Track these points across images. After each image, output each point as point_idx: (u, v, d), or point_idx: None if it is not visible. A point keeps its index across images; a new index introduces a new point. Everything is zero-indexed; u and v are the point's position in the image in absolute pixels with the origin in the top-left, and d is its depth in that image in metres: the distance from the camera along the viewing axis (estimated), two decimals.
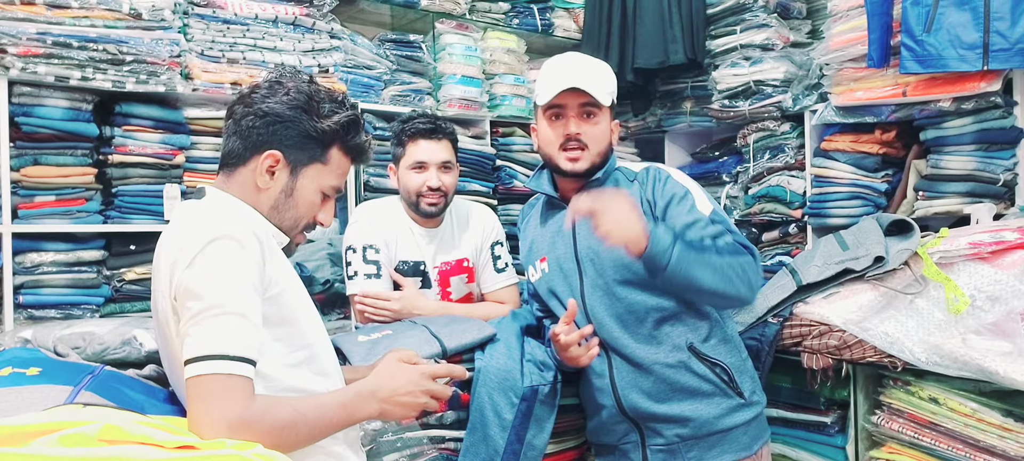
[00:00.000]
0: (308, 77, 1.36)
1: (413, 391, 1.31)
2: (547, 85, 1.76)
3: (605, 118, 1.79)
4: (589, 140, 1.75)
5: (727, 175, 3.28)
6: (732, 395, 1.76)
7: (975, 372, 1.86)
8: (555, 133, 1.77)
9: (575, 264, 1.81)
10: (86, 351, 1.47)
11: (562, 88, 1.72)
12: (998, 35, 2.25)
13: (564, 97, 1.74)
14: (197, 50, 2.47)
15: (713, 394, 1.75)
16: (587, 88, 1.72)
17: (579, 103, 1.75)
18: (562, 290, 1.83)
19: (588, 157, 1.76)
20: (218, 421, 1.08)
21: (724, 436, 1.76)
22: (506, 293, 2.28)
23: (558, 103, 1.75)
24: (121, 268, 2.37)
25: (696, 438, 1.75)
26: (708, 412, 1.75)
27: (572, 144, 1.75)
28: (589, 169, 1.77)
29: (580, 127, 1.75)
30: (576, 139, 1.75)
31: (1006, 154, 2.38)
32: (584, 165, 1.76)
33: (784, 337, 2.14)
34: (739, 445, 1.77)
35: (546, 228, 1.90)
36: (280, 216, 1.33)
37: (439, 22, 3.13)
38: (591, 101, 1.74)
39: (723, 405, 1.76)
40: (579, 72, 1.75)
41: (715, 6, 3.16)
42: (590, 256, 1.79)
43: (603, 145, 1.79)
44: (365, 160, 1.42)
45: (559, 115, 1.77)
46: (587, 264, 1.79)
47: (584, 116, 1.76)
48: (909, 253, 2.08)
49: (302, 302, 1.31)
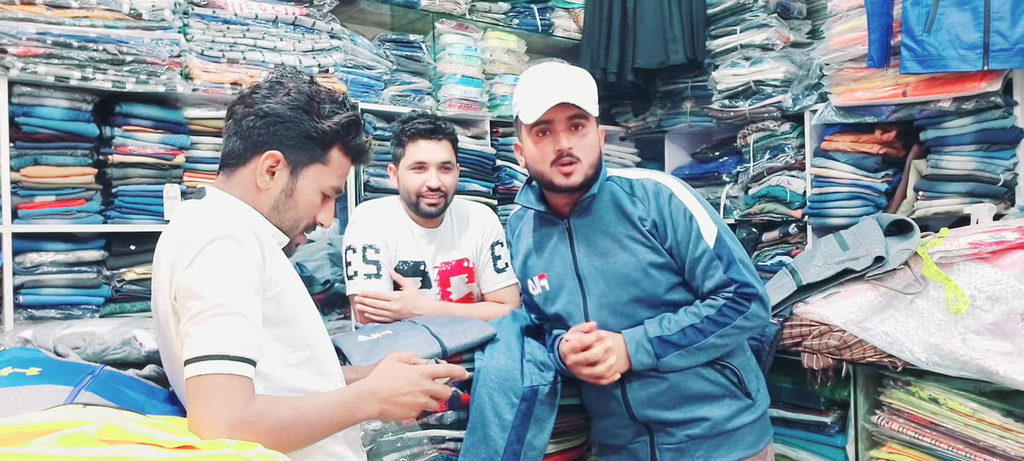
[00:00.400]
0: (309, 77, 1.36)
1: (413, 391, 1.32)
2: (533, 101, 1.69)
3: (593, 128, 1.74)
4: (581, 153, 1.70)
5: (727, 175, 3.28)
6: (741, 396, 1.78)
7: (975, 372, 1.86)
8: (545, 150, 1.71)
9: (577, 281, 1.81)
10: (86, 351, 1.47)
11: (551, 104, 1.66)
12: (998, 35, 2.25)
13: (550, 112, 1.67)
14: (197, 50, 2.47)
15: (723, 396, 1.77)
16: (575, 101, 1.67)
17: (567, 116, 1.69)
18: (566, 308, 1.83)
19: (581, 170, 1.71)
20: (218, 421, 1.07)
21: (732, 435, 1.78)
22: (506, 293, 2.27)
23: (545, 119, 1.69)
24: (121, 268, 2.37)
25: (705, 438, 1.77)
26: (718, 414, 1.76)
27: (565, 159, 1.70)
28: (583, 182, 1.72)
29: (570, 141, 1.69)
30: (568, 154, 1.69)
31: (1006, 154, 2.38)
32: (578, 179, 1.71)
33: (784, 337, 2.14)
34: (745, 444, 1.79)
35: (541, 245, 1.87)
36: (280, 216, 1.33)
37: (439, 22, 3.13)
38: (579, 113, 1.69)
39: (733, 406, 1.78)
40: (564, 85, 1.69)
41: (715, 6, 3.16)
42: (592, 274, 1.78)
43: (594, 156, 1.74)
44: (366, 161, 1.42)
45: (546, 131, 1.71)
46: (590, 282, 1.79)
47: (573, 129, 1.70)
48: (909, 253, 2.08)
49: (302, 302, 1.31)
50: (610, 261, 1.75)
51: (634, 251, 1.74)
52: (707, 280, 1.71)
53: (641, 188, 1.77)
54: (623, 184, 1.80)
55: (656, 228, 1.73)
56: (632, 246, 1.74)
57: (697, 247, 1.71)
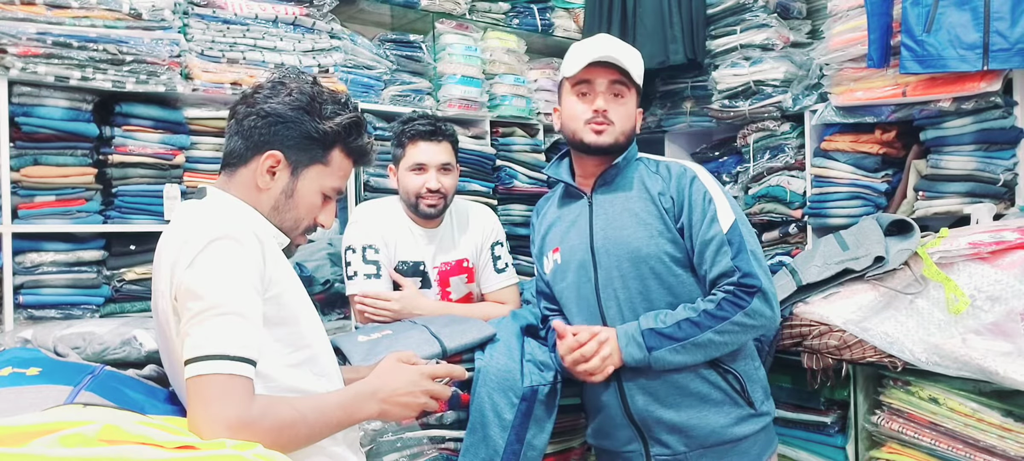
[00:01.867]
0: (312, 78, 1.36)
1: (412, 391, 1.32)
2: (577, 59, 1.74)
3: (632, 99, 1.77)
4: (616, 117, 1.74)
5: (727, 175, 3.28)
6: (743, 404, 1.73)
7: (975, 372, 1.86)
8: (582, 108, 1.75)
9: (590, 255, 1.78)
10: (86, 351, 1.47)
11: (593, 59, 1.71)
12: (998, 35, 2.25)
13: (594, 71, 1.72)
14: (197, 50, 2.47)
15: (722, 402, 1.72)
16: (620, 62, 1.71)
17: (610, 80, 1.73)
18: (574, 282, 1.81)
19: (613, 133, 1.73)
20: (218, 421, 1.08)
21: (733, 447, 1.72)
22: (506, 293, 2.28)
23: (587, 78, 1.73)
24: (121, 268, 2.37)
25: (702, 448, 1.72)
26: (716, 421, 1.71)
27: (599, 118, 1.73)
28: (612, 145, 1.74)
29: (608, 103, 1.73)
30: (603, 114, 1.73)
31: (1006, 154, 2.38)
32: (608, 140, 1.73)
33: (784, 337, 2.15)
34: (747, 458, 1.73)
35: (562, 218, 1.87)
36: (280, 217, 1.33)
37: (439, 22, 3.13)
38: (621, 78, 1.73)
39: (733, 414, 1.72)
40: (613, 49, 1.73)
41: (715, 6, 3.16)
42: (606, 248, 1.76)
43: (628, 125, 1.77)
44: (367, 163, 1.42)
45: (587, 92, 1.75)
46: (602, 256, 1.77)
47: (612, 94, 1.74)
48: (909, 253, 2.08)
49: (302, 302, 1.31)
50: (624, 234, 1.74)
51: (648, 226, 1.73)
52: (715, 266, 1.67)
53: (666, 168, 1.80)
54: (651, 164, 1.82)
55: (673, 204, 1.73)
56: (649, 220, 1.73)
57: (710, 229, 1.68)
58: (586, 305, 1.79)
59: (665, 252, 1.72)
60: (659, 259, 1.72)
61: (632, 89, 1.76)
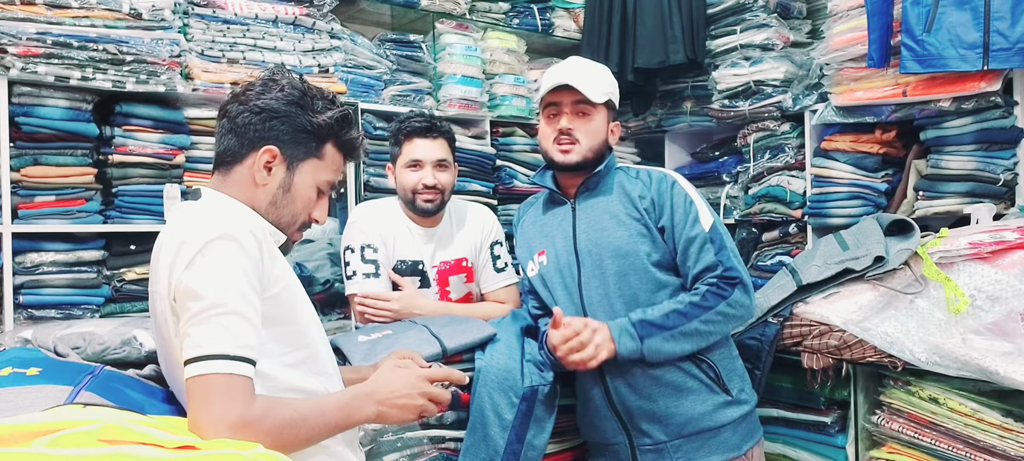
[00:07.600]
0: (300, 76, 1.38)
1: (411, 394, 1.32)
2: (545, 83, 1.90)
3: (599, 116, 1.89)
4: (581, 135, 1.86)
5: (727, 175, 3.28)
6: (719, 392, 1.81)
7: (975, 372, 1.86)
8: (550, 129, 1.89)
9: (574, 256, 1.87)
10: (86, 351, 1.47)
11: (554, 85, 1.85)
12: (998, 35, 2.25)
13: (558, 95, 1.87)
14: (197, 50, 2.47)
15: (699, 390, 1.80)
16: (578, 86, 1.83)
17: (572, 101, 1.86)
18: (559, 282, 1.89)
19: (579, 151, 1.86)
20: (218, 421, 1.08)
21: (713, 436, 1.79)
22: (506, 293, 2.27)
23: (554, 101, 1.88)
24: (121, 268, 2.37)
25: (684, 437, 1.79)
26: (694, 409, 1.79)
27: (564, 138, 1.86)
28: (580, 163, 1.86)
29: (572, 123, 1.86)
30: (567, 133, 1.85)
31: (1006, 154, 2.38)
32: (575, 158, 1.86)
33: (784, 337, 2.14)
34: (728, 446, 1.80)
35: (546, 223, 1.97)
36: (278, 212, 1.33)
37: (439, 22, 3.13)
38: (583, 98, 1.84)
39: (710, 402, 1.80)
40: (573, 72, 1.87)
41: (715, 6, 3.16)
42: (589, 248, 1.86)
43: (596, 141, 1.88)
44: (357, 157, 1.44)
45: (555, 113, 1.89)
46: (585, 256, 1.86)
47: (577, 113, 1.86)
48: (909, 253, 2.08)
49: (301, 302, 1.31)
50: (606, 235, 1.85)
51: (628, 226, 1.83)
52: (698, 262, 1.78)
53: (647, 174, 1.93)
54: (631, 171, 1.94)
55: (652, 206, 1.84)
56: (629, 222, 1.84)
57: (693, 228, 1.80)
58: (570, 303, 1.86)
59: (644, 251, 1.82)
60: (639, 257, 1.81)
61: (599, 106, 1.88)
